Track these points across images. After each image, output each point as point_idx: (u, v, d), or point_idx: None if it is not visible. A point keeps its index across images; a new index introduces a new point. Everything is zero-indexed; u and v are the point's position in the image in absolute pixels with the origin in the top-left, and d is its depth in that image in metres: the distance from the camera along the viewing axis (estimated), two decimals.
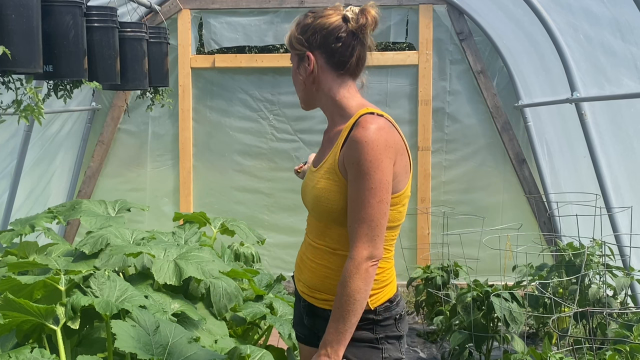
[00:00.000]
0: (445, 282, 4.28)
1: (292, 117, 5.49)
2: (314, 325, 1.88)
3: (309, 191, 1.84)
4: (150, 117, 5.46)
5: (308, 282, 1.86)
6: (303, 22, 1.83)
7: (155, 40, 4.21)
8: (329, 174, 1.77)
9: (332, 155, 1.78)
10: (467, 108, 5.38)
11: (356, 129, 1.71)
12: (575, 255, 3.82)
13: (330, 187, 1.75)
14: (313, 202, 1.80)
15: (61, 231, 5.43)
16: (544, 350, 2.85)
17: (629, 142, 4.01)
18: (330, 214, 1.76)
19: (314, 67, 1.81)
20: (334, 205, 1.74)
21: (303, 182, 1.94)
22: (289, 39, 1.86)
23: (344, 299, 1.68)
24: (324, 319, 1.77)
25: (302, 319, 1.95)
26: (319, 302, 1.84)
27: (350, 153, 1.69)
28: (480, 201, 5.39)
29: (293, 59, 1.87)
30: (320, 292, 1.83)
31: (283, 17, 5.40)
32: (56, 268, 2.67)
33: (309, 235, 1.89)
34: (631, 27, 3.42)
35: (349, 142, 1.71)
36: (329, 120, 1.90)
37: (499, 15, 4.97)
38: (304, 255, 1.90)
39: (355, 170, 1.68)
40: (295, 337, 2.08)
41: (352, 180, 1.69)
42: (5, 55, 2.39)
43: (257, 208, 5.56)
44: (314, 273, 1.84)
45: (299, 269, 1.92)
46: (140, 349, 2.05)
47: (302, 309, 1.92)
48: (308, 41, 1.81)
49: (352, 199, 1.69)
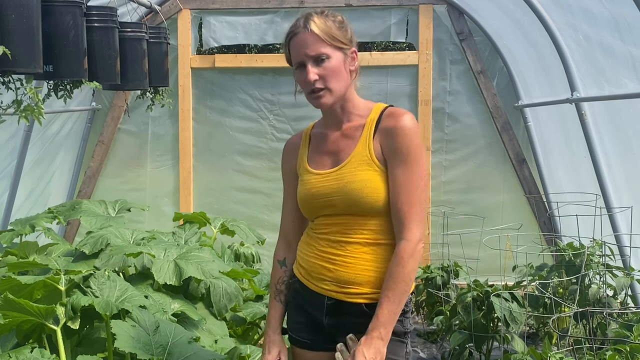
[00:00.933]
0: (446, 282, 4.28)
1: (292, 117, 5.49)
2: (337, 324, 1.86)
3: (341, 188, 1.82)
4: (150, 117, 5.46)
5: (339, 279, 1.84)
6: (336, 19, 1.86)
7: (155, 40, 4.21)
8: (366, 165, 1.82)
9: (363, 147, 1.83)
10: (467, 108, 5.38)
11: (390, 119, 1.82)
12: (575, 255, 3.82)
13: (373, 177, 1.81)
14: (353, 196, 1.80)
15: (61, 231, 5.43)
16: (544, 350, 2.85)
17: (627, 143, 4.01)
18: (376, 204, 1.80)
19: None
20: (380, 194, 1.80)
21: (312, 184, 1.89)
22: (325, 30, 1.81)
23: (401, 280, 1.75)
24: (352, 314, 1.80)
25: (312, 324, 1.93)
26: (351, 296, 1.83)
27: (395, 141, 1.79)
28: (480, 201, 5.38)
29: (334, 52, 1.82)
30: (355, 286, 1.83)
31: (283, 17, 5.41)
32: (56, 268, 2.68)
33: (334, 234, 1.87)
34: (630, 27, 3.42)
35: (388, 131, 1.81)
36: (342, 117, 1.91)
37: (499, 15, 4.97)
38: (325, 254, 1.87)
39: (403, 156, 1.78)
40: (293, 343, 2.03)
41: (398, 166, 1.78)
42: (5, 55, 2.39)
43: (257, 208, 5.56)
44: (349, 268, 1.83)
45: (321, 269, 1.88)
46: (140, 349, 2.05)
47: (322, 310, 1.89)
48: (350, 38, 1.86)
49: (401, 184, 1.77)
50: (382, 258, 1.83)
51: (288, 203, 2.05)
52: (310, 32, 1.80)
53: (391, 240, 1.85)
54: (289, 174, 2.04)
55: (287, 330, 2.04)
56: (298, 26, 1.83)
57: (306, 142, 2.01)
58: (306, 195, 1.91)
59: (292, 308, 2.01)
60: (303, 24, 1.82)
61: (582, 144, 4.10)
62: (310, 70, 1.81)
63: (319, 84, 1.82)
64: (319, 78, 1.81)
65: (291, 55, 1.87)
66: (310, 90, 1.84)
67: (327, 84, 1.82)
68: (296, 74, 1.88)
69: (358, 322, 1.82)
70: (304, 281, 1.94)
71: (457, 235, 4.36)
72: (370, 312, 1.81)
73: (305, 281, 1.93)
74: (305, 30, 1.81)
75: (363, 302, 1.83)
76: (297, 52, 1.84)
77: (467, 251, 4.41)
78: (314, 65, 1.81)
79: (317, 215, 1.92)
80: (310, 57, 1.81)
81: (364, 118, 1.88)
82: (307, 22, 1.82)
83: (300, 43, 1.82)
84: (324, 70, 1.81)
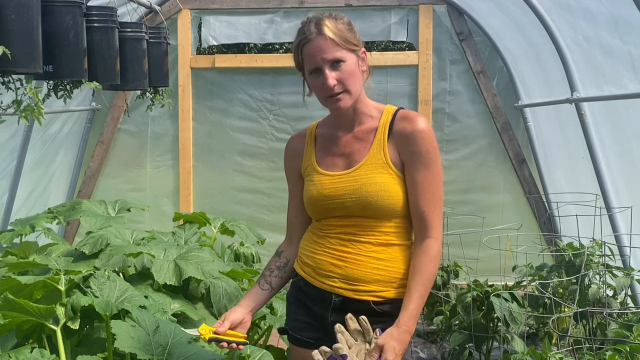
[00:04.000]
0: (445, 282, 4.28)
1: (292, 117, 5.49)
2: (343, 322, 1.85)
3: (356, 190, 1.84)
4: (150, 117, 5.46)
5: (348, 276, 1.86)
6: (344, 20, 1.86)
7: (155, 40, 4.21)
8: (381, 169, 1.84)
9: (377, 150, 1.86)
10: (467, 108, 5.38)
11: (405, 122, 1.85)
12: (575, 256, 3.82)
13: (388, 181, 1.83)
14: (368, 199, 1.82)
15: (61, 231, 5.43)
16: (544, 350, 2.85)
17: (627, 144, 4.01)
18: (391, 207, 1.83)
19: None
20: (396, 197, 1.83)
21: (324, 185, 1.90)
22: (339, 34, 1.81)
23: (431, 276, 1.81)
24: (360, 312, 1.81)
25: (316, 322, 1.93)
26: (360, 294, 1.85)
27: (413, 143, 1.82)
28: (480, 201, 5.39)
29: (349, 55, 1.83)
30: (364, 284, 1.85)
31: (283, 17, 5.41)
32: (56, 268, 2.67)
33: (345, 234, 1.88)
34: (629, 26, 3.42)
35: (405, 134, 1.84)
36: (354, 119, 1.92)
37: (499, 15, 4.97)
38: (335, 252, 1.88)
39: (424, 159, 1.82)
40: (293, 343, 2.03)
41: (419, 168, 1.82)
42: (5, 55, 2.39)
43: (257, 208, 5.56)
44: (359, 265, 1.85)
45: (330, 265, 1.89)
46: (140, 349, 2.05)
47: (328, 307, 1.89)
48: (359, 39, 1.88)
49: (423, 186, 1.82)
50: (393, 258, 1.86)
51: (292, 202, 2.08)
52: (325, 37, 1.80)
53: (402, 241, 1.87)
54: (293, 174, 2.05)
55: (285, 330, 2.04)
56: (310, 32, 1.82)
57: (312, 143, 2.01)
58: (317, 196, 1.91)
59: (293, 307, 2.01)
60: (316, 29, 1.81)
61: (581, 144, 4.10)
62: (328, 75, 1.81)
63: (338, 88, 1.83)
64: (338, 82, 1.82)
65: (304, 61, 1.86)
66: (328, 95, 1.85)
67: (346, 87, 1.83)
68: (310, 79, 1.87)
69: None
70: (308, 279, 1.94)
71: (457, 235, 4.36)
72: (378, 310, 1.83)
73: (310, 279, 1.93)
74: (319, 35, 1.81)
75: (371, 300, 1.84)
76: (312, 58, 1.83)
77: (467, 251, 4.41)
78: (331, 69, 1.82)
79: (326, 216, 1.92)
80: (327, 61, 1.81)
81: (376, 120, 1.90)
82: (319, 26, 1.81)
83: (315, 49, 1.81)
84: (341, 73, 1.82)
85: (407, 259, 1.87)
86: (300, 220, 2.06)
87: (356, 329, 1.74)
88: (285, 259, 2.06)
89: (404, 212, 1.85)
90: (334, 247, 1.89)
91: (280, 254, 2.09)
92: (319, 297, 1.91)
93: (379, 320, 1.81)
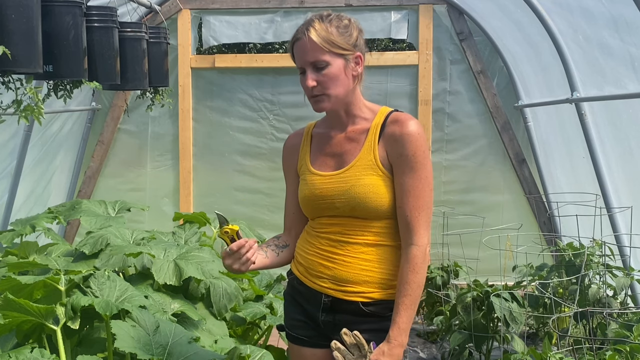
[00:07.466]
0: (445, 282, 4.28)
1: (292, 117, 5.49)
2: (333, 321, 1.88)
3: (345, 192, 1.84)
4: (150, 117, 5.46)
5: (336, 277, 1.86)
6: (339, 22, 1.84)
7: (155, 40, 4.21)
8: (371, 170, 1.83)
9: (367, 152, 1.85)
10: (467, 108, 5.38)
11: (395, 125, 1.83)
12: (575, 255, 3.82)
13: (377, 182, 1.82)
14: (356, 200, 1.82)
15: (61, 231, 5.43)
16: (544, 350, 2.85)
17: (627, 144, 4.01)
18: (380, 208, 1.82)
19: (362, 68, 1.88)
20: (384, 199, 1.82)
21: (315, 185, 1.91)
22: (324, 37, 1.80)
23: (416, 286, 1.78)
24: (348, 312, 1.82)
25: (309, 320, 1.94)
26: (348, 295, 1.85)
27: (401, 146, 1.80)
28: (480, 201, 5.39)
29: (333, 59, 1.81)
30: (353, 285, 1.84)
31: (283, 16, 5.41)
32: (56, 268, 2.68)
33: (335, 234, 1.88)
34: (629, 26, 3.42)
35: (394, 137, 1.82)
36: (346, 120, 1.91)
37: (499, 15, 4.97)
38: (324, 253, 1.89)
39: (410, 162, 1.80)
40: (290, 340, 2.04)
41: (405, 171, 1.80)
42: (5, 55, 2.39)
43: (257, 208, 5.56)
44: (348, 267, 1.85)
45: (320, 266, 1.89)
46: (140, 349, 2.05)
47: (319, 307, 1.90)
48: (355, 42, 1.85)
49: (408, 190, 1.80)
50: (382, 259, 1.85)
51: (289, 199, 2.08)
52: (309, 39, 1.80)
53: (391, 242, 1.87)
54: (290, 172, 2.06)
55: (283, 327, 2.06)
56: (300, 31, 1.83)
57: (308, 142, 2.01)
58: (308, 196, 1.92)
59: (289, 305, 2.03)
60: (305, 30, 1.82)
61: (581, 144, 4.10)
62: (308, 77, 1.82)
63: (317, 90, 1.83)
64: (317, 84, 1.82)
65: (295, 59, 1.88)
66: (310, 95, 1.86)
67: (325, 90, 1.82)
68: (300, 78, 1.88)
69: (354, 320, 1.84)
70: (302, 278, 1.95)
71: (457, 235, 4.36)
72: (367, 310, 1.83)
73: (303, 278, 1.95)
74: (305, 37, 1.81)
75: (360, 301, 1.85)
76: (298, 57, 1.85)
77: (467, 251, 4.41)
78: (313, 71, 1.82)
79: (318, 215, 1.93)
80: (309, 63, 1.82)
81: (369, 121, 1.89)
82: (307, 28, 1.81)
83: (301, 49, 1.83)
84: (322, 76, 1.81)
85: (396, 260, 1.86)
86: (297, 217, 2.06)
87: (352, 343, 1.77)
88: (283, 242, 2.07)
89: (393, 213, 1.85)
90: (324, 248, 1.90)
91: (279, 237, 2.09)
92: (311, 297, 1.93)
93: (366, 321, 1.83)
